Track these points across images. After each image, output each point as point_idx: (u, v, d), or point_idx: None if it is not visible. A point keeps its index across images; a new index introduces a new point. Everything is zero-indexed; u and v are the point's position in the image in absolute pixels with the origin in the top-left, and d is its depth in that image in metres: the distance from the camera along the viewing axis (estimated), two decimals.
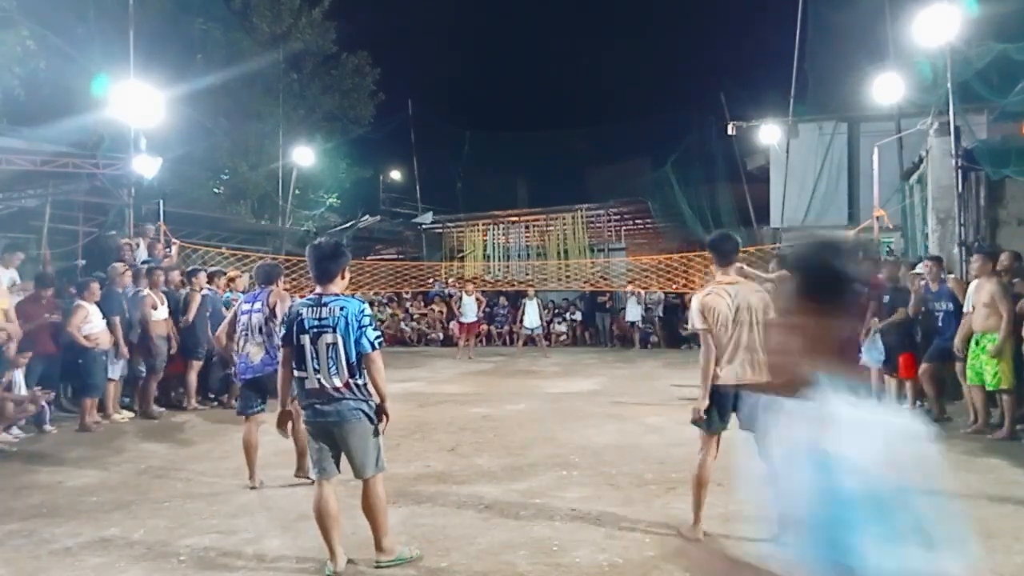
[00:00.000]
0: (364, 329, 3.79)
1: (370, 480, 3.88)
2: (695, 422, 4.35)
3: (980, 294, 6.97)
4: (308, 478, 5.11)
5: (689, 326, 4.38)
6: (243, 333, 5.61)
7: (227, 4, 19.31)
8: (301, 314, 3.84)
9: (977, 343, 7.01)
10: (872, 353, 8.08)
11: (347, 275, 4.01)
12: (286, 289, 15.58)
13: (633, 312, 17.43)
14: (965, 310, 7.26)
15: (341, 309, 3.78)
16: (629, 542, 4.25)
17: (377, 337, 3.85)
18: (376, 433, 3.90)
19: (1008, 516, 4.67)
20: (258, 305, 5.59)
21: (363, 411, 3.83)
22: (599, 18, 38.58)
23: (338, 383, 3.77)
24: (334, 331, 3.75)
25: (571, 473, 5.85)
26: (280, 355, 4.07)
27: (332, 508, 3.88)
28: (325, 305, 3.81)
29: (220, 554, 4.17)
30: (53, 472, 6.12)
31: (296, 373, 3.87)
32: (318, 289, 3.92)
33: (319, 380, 3.78)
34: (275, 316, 5.45)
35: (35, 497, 5.38)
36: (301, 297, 4.53)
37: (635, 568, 3.90)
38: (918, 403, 8.00)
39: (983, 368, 6.95)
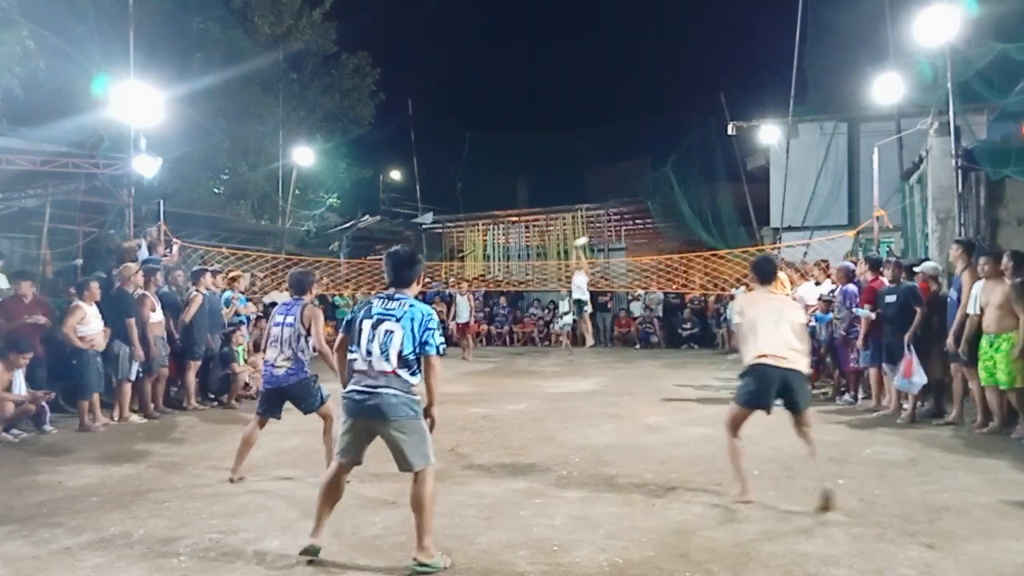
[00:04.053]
0: (431, 332, 3.91)
1: (419, 473, 3.90)
2: None
3: (992, 296, 6.94)
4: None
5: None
6: (273, 343, 5.67)
7: (227, 3, 19.30)
8: (371, 304, 4.02)
9: (991, 344, 6.99)
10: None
11: (421, 281, 4.19)
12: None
13: (565, 308, 16.62)
14: (970, 311, 7.23)
15: (411, 307, 3.95)
16: (629, 542, 4.25)
17: (442, 343, 3.97)
18: (421, 427, 3.94)
19: (1008, 516, 4.67)
20: (291, 319, 5.63)
21: (406, 405, 3.87)
22: (599, 18, 38.65)
23: (386, 368, 3.85)
24: (397, 321, 3.89)
25: (571, 473, 5.85)
26: (337, 340, 4.19)
27: (336, 492, 4.01)
28: (396, 300, 3.98)
29: (220, 554, 4.16)
30: (53, 472, 6.11)
31: (349, 355, 3.98)
32: (391, 290, 4.06)
33: (369, 361, 3.88)
34: (309, 335, 5.59)
35: (35, 497, 5.37)
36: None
37: (635, 568, 3.90)
38: (919, 403, 7.99)
39: (996, 368, 6.94)
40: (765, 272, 5.19)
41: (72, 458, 6.62)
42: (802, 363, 4.87)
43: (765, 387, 4.83)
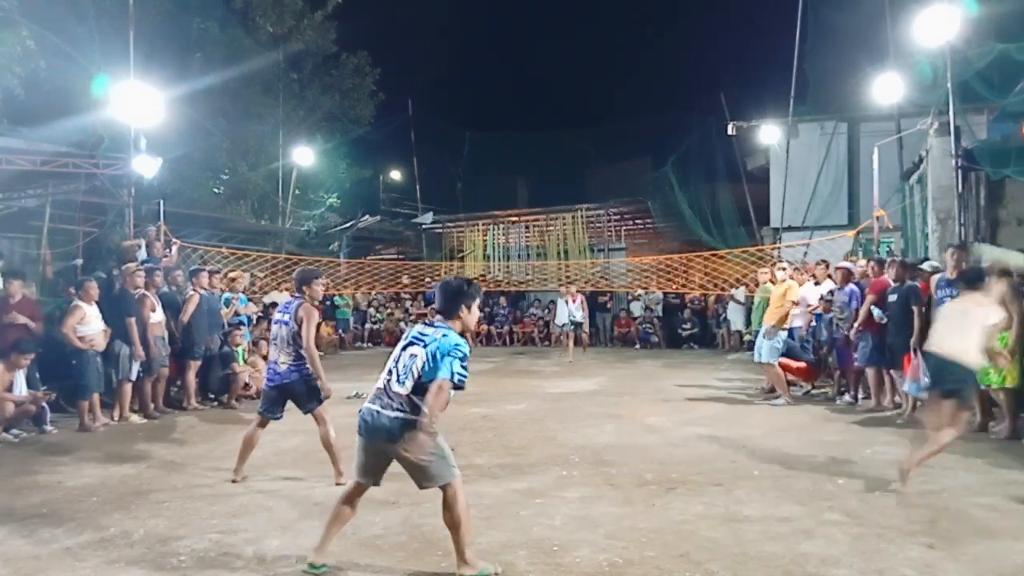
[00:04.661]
0: (452, 360, 3.67)
1: (445, 489, 3.73)
2: None
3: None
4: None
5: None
6: (273, 341, 5.68)
7: (227, 3, 19.31)
8: (412, 330, 3.94)
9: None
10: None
11: (466, 313, 3.90)
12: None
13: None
14: None
15: (443, 335, 3.77)
16: (629, 542, 4.25)
17: (461, 374, 3.67)
18: (435, 444, 3.70)
19: (1008, 516, 4.67)
20: (287, 317, 5.58)
21: (415, 426, 3.66)
22: (599, 18, 38.61)
23: (400, 391, 3.71)
24: (424, 347, 3.75)
25: (571, 473, 5.86)
26: None
27: (348, 511, 3.91)
28: (434, 327, 3.84)
29: (220, 554, 4.16)
30: (53, 472, 6.12)
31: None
32: (437, 317, 3.91)
33: (386, 381, 3.78)
34: (300, 333, 5.49)
35: (35, 497, 5.38)
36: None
37: (635, 568, 3.90)
38: (918, 403, 7.97)
39: (990, 367, 6.93)
40: (970, 279, 5.87)
41: (72, 458, 6.63)
42: (964, 356, 5.22)
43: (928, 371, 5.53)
